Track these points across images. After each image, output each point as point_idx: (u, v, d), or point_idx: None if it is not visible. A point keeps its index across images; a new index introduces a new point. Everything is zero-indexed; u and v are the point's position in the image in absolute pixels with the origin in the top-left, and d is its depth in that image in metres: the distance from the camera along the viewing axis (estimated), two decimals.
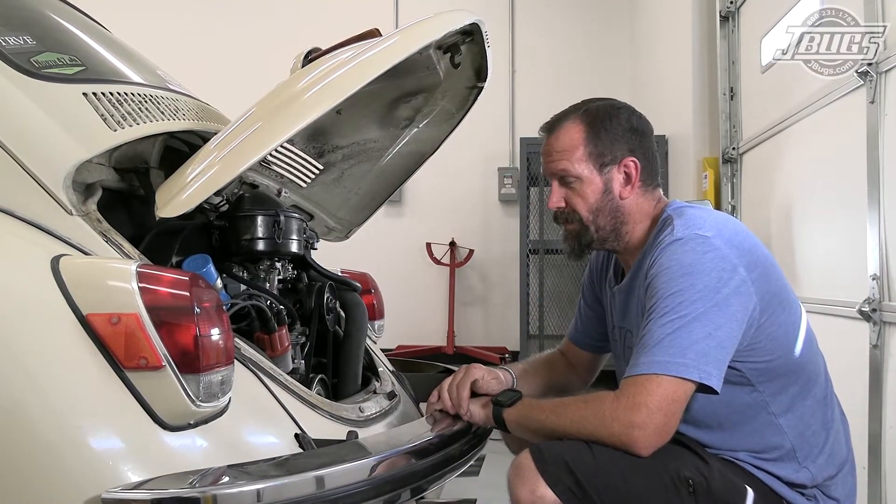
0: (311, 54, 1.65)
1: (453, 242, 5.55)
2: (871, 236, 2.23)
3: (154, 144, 1.60)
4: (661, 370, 1.24)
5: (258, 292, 1.59)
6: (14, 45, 1.39)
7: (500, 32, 5.65)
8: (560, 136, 1.45)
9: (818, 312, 2.60)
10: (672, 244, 1.32)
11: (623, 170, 1.44)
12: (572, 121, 1.45)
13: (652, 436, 1.24)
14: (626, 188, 1.45)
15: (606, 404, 1.27)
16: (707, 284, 1.27)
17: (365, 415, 1.58)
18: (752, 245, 1.36)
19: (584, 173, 1.43)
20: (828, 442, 1.38)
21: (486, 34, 1.68)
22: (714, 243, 1.30)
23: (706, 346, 1.24)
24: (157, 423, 1.11)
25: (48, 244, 1.24)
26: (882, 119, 2.21)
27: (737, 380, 1.34)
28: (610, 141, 1.43)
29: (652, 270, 1.34)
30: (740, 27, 3.63)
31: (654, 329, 1.27)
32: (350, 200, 2.12)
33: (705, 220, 1.36)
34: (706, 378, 1.24)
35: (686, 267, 1.29)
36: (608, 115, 1.45)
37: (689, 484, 1.28)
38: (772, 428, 1.35)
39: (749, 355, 1.33)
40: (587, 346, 1.70)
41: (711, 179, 3.75)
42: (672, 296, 1.27)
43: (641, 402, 1.23)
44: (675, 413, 1.25)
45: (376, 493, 1.21)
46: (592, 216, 1.45)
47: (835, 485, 1.38)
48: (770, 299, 1.33)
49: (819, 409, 1.39)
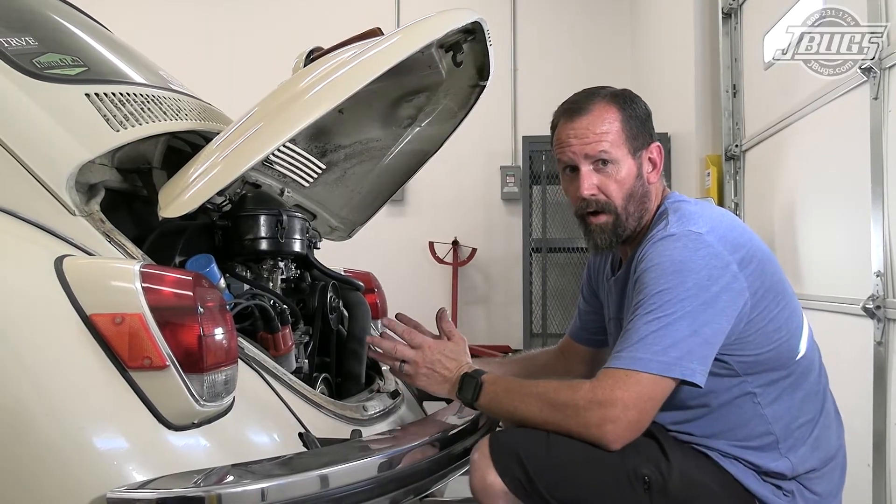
0: (313, 54, 1.65)
1: (456, 241, 5.54)
2: (875, 233, 2.22)
3: (156, 145, 1.60)
4: (641, 367, 1.23)
5: (261, 292, 1.59)
6: (16, 47, 1.39)
7: (502, 31, 5.64)
8: (597, 117, 1.39)
9: (822, 309, 2.60)
10: (664, 239, 1.31)
11: (648, 155, 1.43)
12: (605, 101, 1.40)
13: (624, 431, 1.24)
14: (653, 173, 1.44)
15: (580, 395, 1.26)
16: (697, 282, 1.26)
17: (368, 413, 1.59)
18: (746, 241, 1.35)
19: (622, 156, 1.39)
20: (813, 434, 1.36)
21: (488, 32, 1.68)
22: (707, 240, 1.29)
23: (691, 343, 1.24)
24: (161, 422, 1.11)
25: (51, 245, 1.24)
26: (886, 115, 2.20)
27: (723, 371, 1.33)
28: (639, 125, 1.42)
29: (641, 265, 1.32)
30: (743, 24, 3.62)
31: (639, 325, 1.26)
32: (352, 200, 2.12)
33: (700, 216, 1.34)
34: (689, 375, 1.24)
35: (677, 264, 1.27)
36: (632, 98, 1.43)
37: (646, 481, 1.28)
38: (758, 418, 1.34)
39: (737, 348, 1.32)
40: (585, 341, 1.70)
41: (714, 177, 3.74)
42: (660, 293, 1.26)
43: (617, 397, 1.23)
44: (649, 411, 1.25)
45: (380, 492, 1.21)
46: (625, 203, 1.40)
47: (818, 479, 1.36)
48: (763, 294, 1.32)
49: (810, 402, 1.38)
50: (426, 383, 1.49)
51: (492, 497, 1.30)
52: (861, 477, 2.21)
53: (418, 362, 1.48)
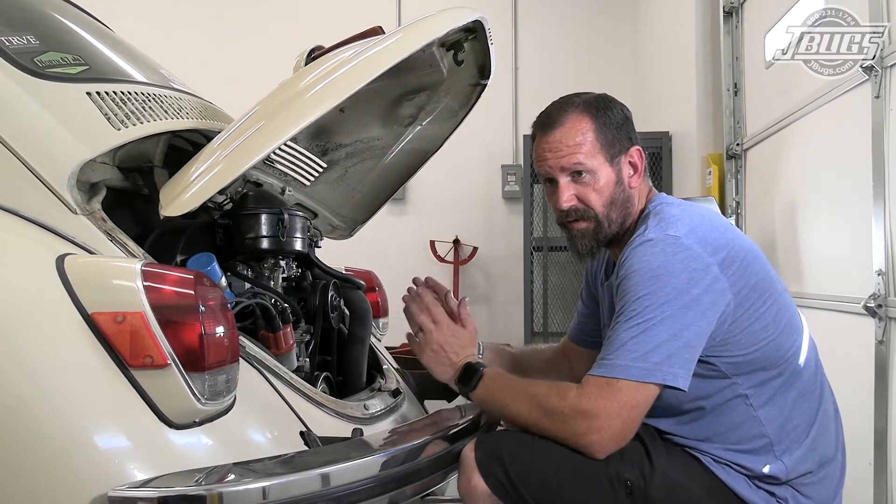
0: (314, 52, 1.65)
1: (457, 240, 5.54)
2: (877, 232, 2.22)
3: (158, 143, 1.60)
4: (622, 374, 1.23)
5: (262, 290, 1.59)
6: (17, 45, 1.39)
7: (503, 29, 5.64)
8: (569, 129, 1.39)
9: (823, 308, 2.60)
10: (642, 245, 1.31)
11: (628, 160, 1.42)
12: (577, 113, 1.40)
13: (608, 441, 1.24)
14: (634, 177, 1.43)
15: (566, 403, 1.26)
16: (676, 286, 1.25)
17: (370, 412, 1.59)
18: (728, 240, 1.33)
19: (598, 166, 1.39)
20: (809, 436, 1.35)
21: (489, 31, 1.68)
22: (685, 243, 1.28)
23: (672, 347, 1.23)
24: (162, 421, 1.11)
25: (53, 243, 1.24)
26: (887, 114, 2.20)
27: (711, 373, 1.32)
28: (615, 131, 1.41)
29: (621, 271, 1.32)
30: (744, 22, 3.62)
31: (620, 332, 1.26)
32: (353, 198, 2.12)
33: (679, 220, 1.33)
34: (670, 380, 1.23)
35: (655, 269, 1.27)
36: (606, 105, 1.42)
37: (628, 486, 1.28)
38: (750, 420, 1.33)
39: (722, 350, 1.31)
40: (583, 343, 1.70)
41: (716, 176, 3.73)
42: (639, 299, 1.26)
43: (601, 406, 1.23)
44: (633, 419, 1.25)
45: (382, 491, 1.21)
46: (606, 210, 1.41)
47: (813, 484, 1.34)
48: (748, 293, 1.31)
49: (805, 402, 1.36)
50: (431, 361, 1.51)
51: (475, 499, 1.31)
52: (862, 476, 2.21)
53: (432, 338, 1.51)
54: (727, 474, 1.33)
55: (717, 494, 1.32)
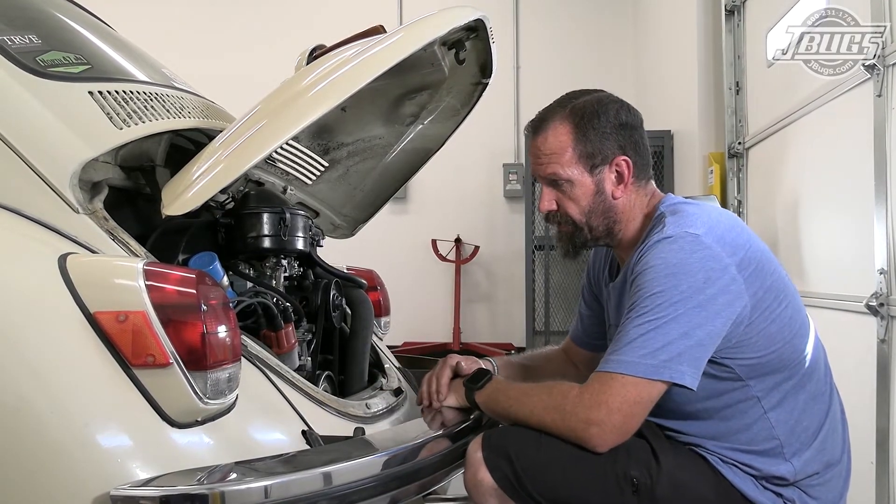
0: (316, 52, 1.65)
1: (459, 239, 5.55)
2: (879, 230, 2.22)
3: (160, 143, 1.61)
4: (628, 370, 1.23)
5: (264, 290, 1.59)
6: (19, 45, 1.39)
7: (505, 28, 5.64)
8: (547, 138, 1.39)
9: (825, 307, 2.59)
10: (660, 242, 1.29)
11: (615, 169, 1.40)
12: (559, 120, 1.40)
13: (609, 434, 1.24)
14: (619, 187, 1.40)
15: (569, 399, 1.27)
16: (692, 285, 1.24)
17: (372, 411, 1.59)
18: (745, 241, 1.32)
19: (575, 176, 1.38)
20: (818, 438, 1.34)
21: (491, 30, 1.68)
22: (704, 241, 1.27)
23: (681, 346, 1.22)
24: (164, 420, 1.12)
25: (55, 242, 1.24)
26: (889, 113, 2.20)
27: (726, 375, 1.31)
28: (599, 140, 1.38)
29: (637, 267, 1.31)
30: (746, 21, 3.62)
31: (630, 328, 1.25)
32: (355, 197, 2.12)
33: (698, 218, 1.32)
34: (678, 377, 1.22)
35: (672, 266, 1.26)
36: (595, 111, 1.39)
37: (634, 483, 1.28)
38: (761, 422, 1.32)
39: (738, 352, 1.30)
40: (587, 345, 1.69)
41: (717, 174, 3.73)
42: (653, 296, 1.25)
43: (602, 400, 1.23)
44: (636, 414, 1.24)
45: (384, 490, 1.21)
46: (585, 218, 1.41)
47: (818, 485, 1.34)
48: (763, 295, 1.30)
49: (815, 404, 1.36)
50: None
51: (482, 494, 1.31)
52: (864, 474, 2.21)
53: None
54: (734, 474, 1.32)
55: (723, 494, 1.31)
